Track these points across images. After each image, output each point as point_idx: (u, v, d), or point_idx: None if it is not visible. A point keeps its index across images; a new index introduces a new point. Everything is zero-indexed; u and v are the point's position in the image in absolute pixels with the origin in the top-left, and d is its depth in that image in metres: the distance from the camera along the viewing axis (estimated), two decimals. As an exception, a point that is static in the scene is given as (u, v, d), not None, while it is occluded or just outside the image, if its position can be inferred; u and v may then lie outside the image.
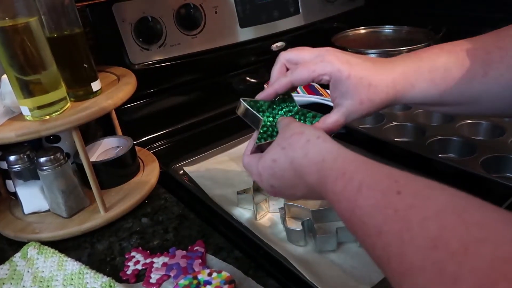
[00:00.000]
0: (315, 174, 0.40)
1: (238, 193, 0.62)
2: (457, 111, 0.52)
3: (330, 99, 0.92)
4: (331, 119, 0.50)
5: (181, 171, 0.74)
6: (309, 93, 0.94)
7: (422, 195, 0.31)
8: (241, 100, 0.52)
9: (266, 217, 0.61)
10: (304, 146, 0.42)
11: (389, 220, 0.31)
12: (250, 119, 0.52)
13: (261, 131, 0.51)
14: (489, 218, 0.27)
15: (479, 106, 0.48)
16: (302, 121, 0.52)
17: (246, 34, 0.95)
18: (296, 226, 0.55)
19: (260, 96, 0.52)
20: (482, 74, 0.45)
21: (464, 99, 0.48)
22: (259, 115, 0.51)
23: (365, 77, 0.46)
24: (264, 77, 1.04)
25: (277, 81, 0.50)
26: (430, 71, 0.47)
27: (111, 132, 0.76)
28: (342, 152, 0.40)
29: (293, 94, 0.55)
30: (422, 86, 0.48)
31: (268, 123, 0.51)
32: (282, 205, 0.59)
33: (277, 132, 0.51)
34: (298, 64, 0.49)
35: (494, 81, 0.45)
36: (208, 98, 0.96)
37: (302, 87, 0.96)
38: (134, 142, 0.72)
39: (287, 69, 0.51)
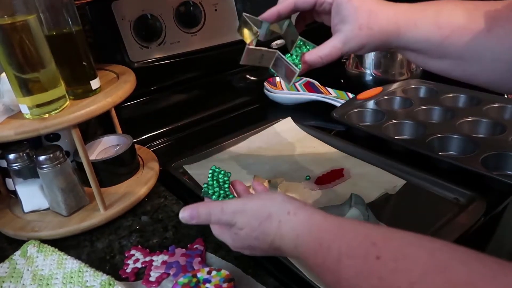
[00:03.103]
0: (293, 251, 0.39)
1: None
2: (457, 70, 0.49)
3: (330, 97, 0.93)
4: (329, 44, 0.49)
5: (181, 170, 0.74)
6: (309, 91, 0.94)
7: (402, 256, 0.30)
8: (243, 14, 0.53)
9: None
10: (277, 229, 0.40)
11: None
12: (246, 33, 0.53)
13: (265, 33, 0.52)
14: (476, 274, 0.26)
15: (479, 67, 0.47)
16: (301, 51, 0.53)
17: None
18: None
19: (262, 16, 0.51)
20: (488, 29, 0.45)
21: (465, 53, 0.46)
22: (257, 29, 0.51)
23: (367, 3, 0.47)
24: (264, 75, 1.04)
25: (281, 2, 0.50)
26: (436, 14, 0.47)
27: (111, 130, 0.76)
28: (315, 222, 0.38)
29: (292, 91, 0.56)
30: (425, 28, 0.47)
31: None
32: None
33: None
34: None
35: (498, 40, 0.44)
36: (208, 96, 0.96)
37: (302, 85, 0.96)
38: (134, 140, 0.72)
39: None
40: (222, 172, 0.51)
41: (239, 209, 0.42)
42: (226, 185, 0.50)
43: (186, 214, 0.45)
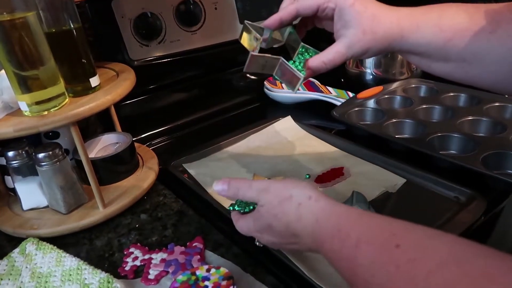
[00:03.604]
0: (310, 236, 0.40)
1: None
2: (460, 73, 0.49)
3: (330, 96, 0.92)
4: (332, 50, 0.49)
5: (180, 168, 0.73)
6: (309, 90, 0.94)
7: (422, 247, 0.30)
8: (245, 22, 0.52)
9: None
10: (297, 210, 0.41)
11: (392, 277, 0.30)
12: (249, 41, 0.52)
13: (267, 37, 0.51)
14: (492, 267, 0.26)
15: (482, 69, 0.47)
16: (304, 58, 0.53)
17: (246, 30, 0.95)
18: None
19: (264, 23, 0.51)
20: (490, 30, 0.45)
21: (468, 55, 0.46)
22: (259, 36, 0.51)
23: (370, 8, 0.47)
24: (264, 74, 1.03)
25: (283, 8, 0.50)
26: (438, 17, 0.47)
27: (111, 129, 0.76)
28: (336, 209, 0.39)
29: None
30: (428, 30, 0.47)
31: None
32: None
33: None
34: None
35: (500, 41, 0.44)
36: (208, 95, 0.96)
37: (302, 84, 0.95)
38: (133, 139, 0.72)
39: None
40: None
41: (264, 188, 0.44)
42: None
43: (219, 185, 0.47)
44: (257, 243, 0.49)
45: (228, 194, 0.47)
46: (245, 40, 0.53)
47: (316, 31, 0.56)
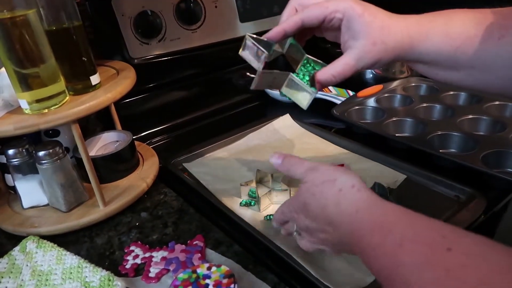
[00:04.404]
0: (347, 226, 0.38)
1: (241, 185, 0.62)
2: (469, 80, 0.48)
3: (330, 95, 0.92)
4: (341, 62, 0.47)
5: (180, 166, 0.73)
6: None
7: (474, 254, 0.29)
8: (246, 34, 0.49)
9: (270, 208, 0.61)
10: (336, 195, 0.40)
11: (439, 281, 0.28)
12: (252, 56, 0.49)
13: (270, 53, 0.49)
14: None
15: (491, 75, 0.46)
16: (307, 70, 0.51)
17: (246, 28, 0.94)
18: None
19: (267, 35, 0.48)
20: (498, 36, 0.44)
21: (477, 62, 0.46)
22: (264, 50, 0.48)
23: (379, 18, 0.45)
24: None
25: (287, 20, 0.47)
26: (446, 24, 0.46)
27: (111, 127, 0.76)
28: (379, 202, 0.38)
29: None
30: (437, 39, 0.46)
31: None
32: (287, 198, 0.60)
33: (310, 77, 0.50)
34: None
35: (509, 47, 0.44)
36: (208, 93, 0.96)
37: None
38: (133, 137, 0.71)
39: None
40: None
41: (314, 167, 0.44)
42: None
43: (275, 158, 0.49)
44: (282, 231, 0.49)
45: (281, 168, 0.48)
46: (248, 55, 0.50)
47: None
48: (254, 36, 0.49)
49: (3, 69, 0.53)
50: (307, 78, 0.50)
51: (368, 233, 0.35)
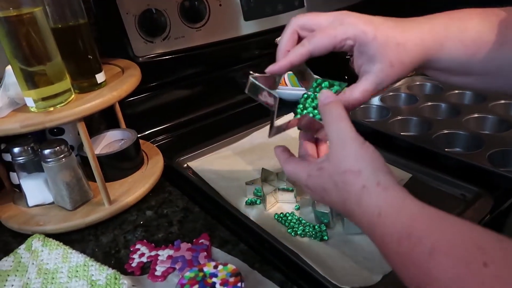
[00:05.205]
0: (368, 225, 0.36)
1: (246, 183, 0.62)
2: (481, 84, 0.47)
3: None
4: (360, 88, 0.44)
5: (185, 165, 0.73)
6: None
7: None
8: (250, 77, 0.45)
9: (276, 207, 0.60)
10: (359, 192, 0.36)
11: None
12: (262, 98, 0.46)
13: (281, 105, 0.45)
14: None
15: (505, 80, 0.45)
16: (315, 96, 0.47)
17: (250, 27, 0.94)
18: (324, 208, 0.55)
19: (272, 69, 0.45)
20: None
21: (492, 68, 0.44)
22: (273, 93, 0.44)
23: (392, 36, 0.42)
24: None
25: (293, 51, 0.44)
26: (460, 31, 0.44)
27: (114, 125, 0.76)
28: (406, 204, 0.34)
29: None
30: (452, 47, 0.44)
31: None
32: (292, 196, 0.59)
33: (304, 106, 0.46)
34: (314, 31, 0.44)
35: None
36: (212, 92, 0.96)
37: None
38: (137, 136, 0.71)
39: (299, 37, 0.45)
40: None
41: (344, 140, 0.40)
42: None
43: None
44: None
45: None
46: (253, 95, 0.46)
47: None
48: (257, 75, 0.46)
49: (9, 66, 0.53)
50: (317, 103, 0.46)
51: (395, 241, 0.33)
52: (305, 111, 0.46)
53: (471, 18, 0.45)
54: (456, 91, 0.89)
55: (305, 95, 0.48)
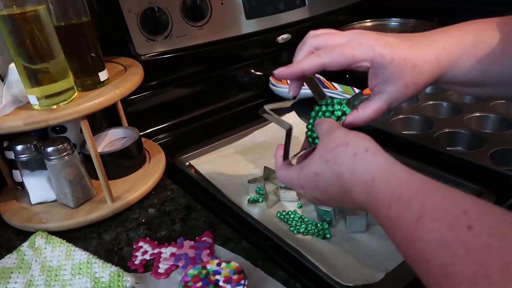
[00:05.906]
0: (363, 194, 0.36)
1: (249, 181, 0.62)
2: (492, 94, 0.48)
3: (336, 92, 0.92)
4: (373, 107, 0.45)
5: (187, 163, 0.73)
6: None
7: (499, 234, 0.27)
8: (264, 108, 0.48)
9: (278, 205, 0.61)
10: (351, 161, 0.37)
11: (458, 260, 0.27)
12: (277, 123, 0.48)
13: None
14: None
15: None
16: (330, 110, 0.49)
17: (251, 26, 0.94)
18: (326, 206, 0.55)
19: (283, 72, 0.45)
20: None
21: (505, 78, 0.45)
22: (287, 122, 0.47)
23: (409, 58, 0.43)
24: (269, 69, 1.03)
25: (307, 60, 0.44)
26: (474, 46, 0.44)
27: (117, 123, 0.76)
28: (395, 170, 0.35)
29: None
30: (466, 63, 0.44)
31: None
32: (295, 195, 0.59)
33: (313, 138, 0.47)
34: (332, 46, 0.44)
35: None
36: (214, 90, 0.96)
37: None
38: (139, 134, 0.71)
39: None
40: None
41: (330, 129, 0.42)
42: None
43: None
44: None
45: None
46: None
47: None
48: (271, 107, 0.48)
49: (12, 64, 0.53)
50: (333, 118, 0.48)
51: (386, 206, 0.34)
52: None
53: (484, 30, 0.45)
54: (458, 90, 0.89)
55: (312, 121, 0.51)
